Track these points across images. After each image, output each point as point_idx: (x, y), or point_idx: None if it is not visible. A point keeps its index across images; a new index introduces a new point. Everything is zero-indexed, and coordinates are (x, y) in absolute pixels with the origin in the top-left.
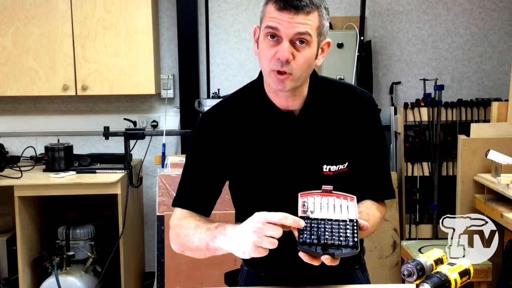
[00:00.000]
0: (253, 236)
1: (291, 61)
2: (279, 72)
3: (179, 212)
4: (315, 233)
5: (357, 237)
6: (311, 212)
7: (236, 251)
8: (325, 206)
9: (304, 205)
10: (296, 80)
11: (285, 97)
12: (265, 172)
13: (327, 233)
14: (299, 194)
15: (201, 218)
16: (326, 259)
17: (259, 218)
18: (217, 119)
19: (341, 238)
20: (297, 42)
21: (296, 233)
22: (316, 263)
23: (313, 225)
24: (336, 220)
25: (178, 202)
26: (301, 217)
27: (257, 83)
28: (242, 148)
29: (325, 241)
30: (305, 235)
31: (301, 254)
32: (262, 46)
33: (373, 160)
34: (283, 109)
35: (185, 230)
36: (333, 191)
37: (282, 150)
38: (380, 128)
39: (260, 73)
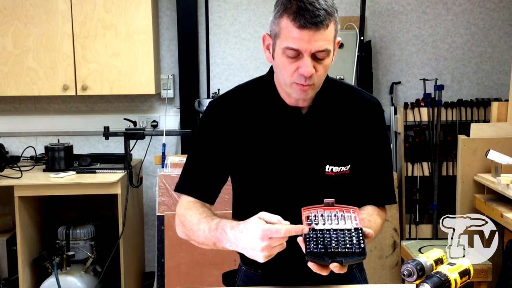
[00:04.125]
0: (263, 253)
1: (314, 74)
2: (303, 84)
3: (184, 200)
4: (321, 242)
5: (363, 243)
6: (316, 224)
7: (253, 255)
8: (328, 218)
9: (308, 218)
10: (317, 88)
11: (297, 98)
12: (266, 166)
13: (333, 242)
14: (301, 209)
15: (203, 210)
16: (335, 267)
17: (262, 234)
18: (224, 108)
19: (348, 246)
20: (318, 55)
21: (302, 245)
22: (325, 272)
23: (318, 235)
24: (341, 230)
25: (182, 188)
26: None
27: (267, 78)
28: (246, 140)
29: (332, 250)
30: (312, 245)
31: (310, 264)
32: (282, 61)
33: (377, 165)
34: (291, 105)
35: (189, 223)
36: (335, 204)
37: (285, 146)
38: (385, 133)
39: (271, 68)
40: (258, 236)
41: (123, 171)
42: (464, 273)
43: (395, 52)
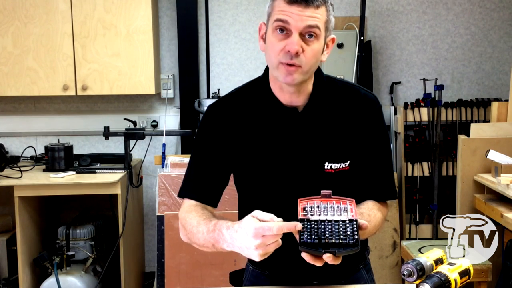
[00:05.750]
0: (258, 251)
1: (300, 54)
2: (288, 65)
3: (186, 204)
4: (315, 233)
5: (357, 235)
6: (311, 215)
7: (249, 255)
8: (324, 209)
9: (304, 209)
10: (304, 73)
11: (290, 93)
12: (266, 167)
13: (327, 233)
14: (298, 200)
15: (203, 212)
16: (328, 257)
17: (255, 233)
18: (222, 111)
19: (342, 237)
20: (306, 36)
21: (296, 235)
22: (318, 263)
23: (313, 225)
24: (336, 221)
25: (184, 192)
26: (301, 220)
27: (262, 79)
28: (245, 141)
29: (326, 241)
30: (306, 236)
31: (303, 255)
32: (271, 40)
33: (376, 160)
34: (287, 105)
35: (189, 226)
36: (332, 196)
37: (284, 145)
38: (384, 129)
39: (266, 69)
40: (251, 234)
41: (123, 171)
42: (464, 273)
43: (395, 52)
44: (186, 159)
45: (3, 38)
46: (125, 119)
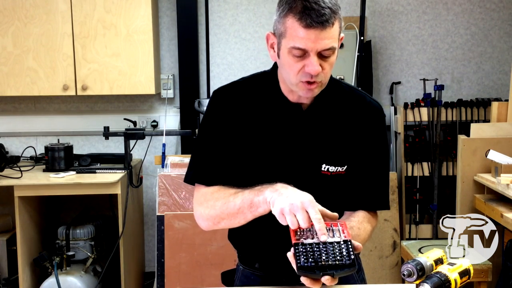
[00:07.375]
0: (290, 206)
1: (320, 72)
2: (309, 83)
3: (210, 187)
4: (311, 256)
5: (353, 255)
6: (304, 239)
7: (276, 206)
8: (316, 232)
9: (296, 233)
10: (324, 85)
11: (300, 96)
12: (263, 160)
13: (323, 255)
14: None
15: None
16: (326, 280)
17: (303, 201)
18: (229, 97)
19: (338, 258)
20: (324, 53)
21: (292, 260)
22: (317, 286)
23: (308, 249)
24: (330, 243)
25: (201, 179)
26: (295, 244)
27: (271, 74)
28: (246, 132)
29: (323, 263)
30: (302, 260)
31: (302, 279)
32: (287, 60)
33: (373, 169)
34: (293, 101)
35: (223, 199)
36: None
37: (284, 141)
38: (385, 138)
39: (274, 64)
40: (308, 197)
41: (123, 171)
42: (464, 273)
43: (395, 52)
44: (186, 159)
45: (3, 38)
46: (125, 119)
